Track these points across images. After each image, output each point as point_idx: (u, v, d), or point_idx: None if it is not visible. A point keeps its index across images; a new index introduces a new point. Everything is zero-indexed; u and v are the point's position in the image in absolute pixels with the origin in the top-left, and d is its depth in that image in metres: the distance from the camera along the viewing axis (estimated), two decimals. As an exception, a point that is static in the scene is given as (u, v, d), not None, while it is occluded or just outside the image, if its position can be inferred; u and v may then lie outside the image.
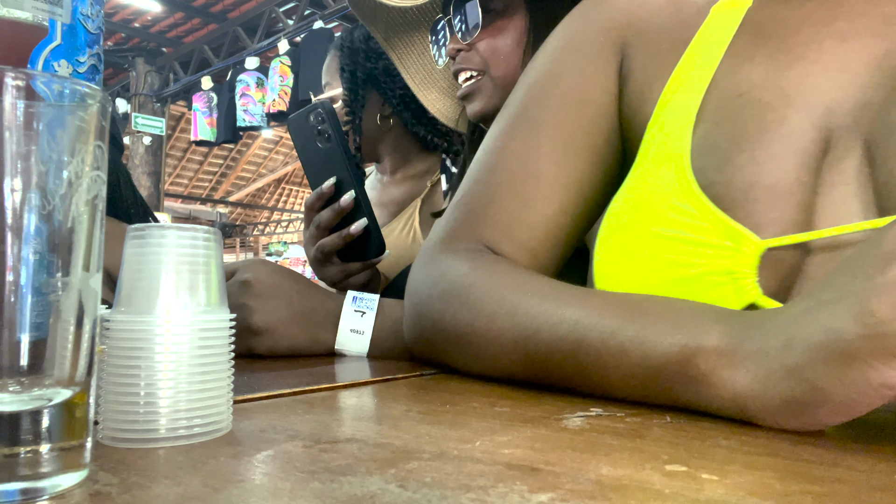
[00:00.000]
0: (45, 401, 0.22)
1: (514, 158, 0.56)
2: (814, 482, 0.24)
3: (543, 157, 0.56)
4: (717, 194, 0.44)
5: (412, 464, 0.25)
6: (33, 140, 0.21)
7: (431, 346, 0.53)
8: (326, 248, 0.87)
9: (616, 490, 0.22)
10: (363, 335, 0.65)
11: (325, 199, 0.87)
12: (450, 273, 0.51)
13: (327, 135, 0.87)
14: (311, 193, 0.89)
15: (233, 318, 0.31)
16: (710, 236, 0.43)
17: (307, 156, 0.90)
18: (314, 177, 0.89)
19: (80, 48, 0.33)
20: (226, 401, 0.30)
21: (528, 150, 0.56)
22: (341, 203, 0.85)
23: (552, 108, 0.57)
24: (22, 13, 0.30)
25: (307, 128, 0.88)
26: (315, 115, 0.87)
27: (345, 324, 0.66)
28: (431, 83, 1.06)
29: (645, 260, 0.46)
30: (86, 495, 0.21)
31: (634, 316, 0.39)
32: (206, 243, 0.30)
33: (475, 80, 0.87)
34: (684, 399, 0.36)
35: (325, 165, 0.88)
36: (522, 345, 0.43)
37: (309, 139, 0.88)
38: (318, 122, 0.87)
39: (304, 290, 0.68)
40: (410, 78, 1.06)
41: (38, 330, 0.21)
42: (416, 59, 1.06)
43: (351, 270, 0.90)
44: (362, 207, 0.86)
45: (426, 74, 1.06)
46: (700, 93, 0.50)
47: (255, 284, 0.65)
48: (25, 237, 0.21)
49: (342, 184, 0.87)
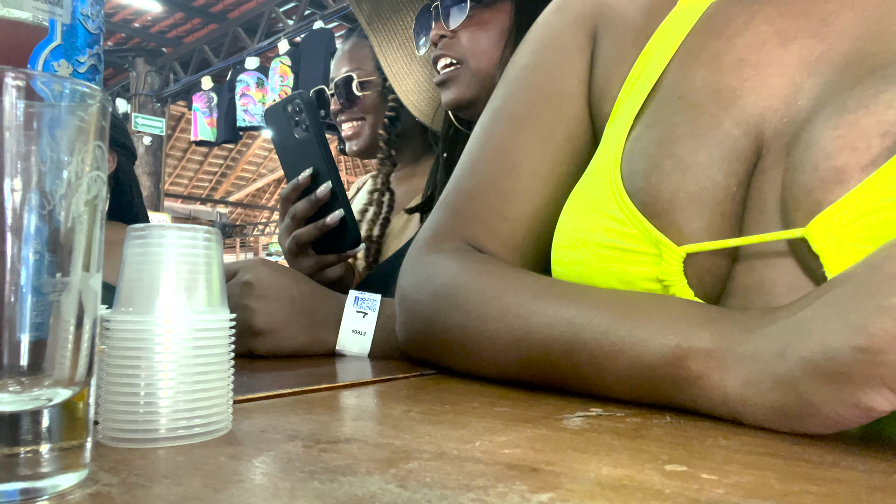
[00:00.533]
0: (45, 401, 0.22)
1: (494, 154, 0.56)
2: (814, 482, 0.24)
3: (522, 150, 0.55)
4: (643, 201, 0.44)
5: (412, 464, 0.25)
6: (33, 140, 0.21)
7: (424, 348, 0.53)
8: (302, 238, 0.86)
9: (616, 490, 0.22)
10: (365, 336, 0.65)
11: (302, 191, 0.87)
12: (438, 276, 0.51)
13: (305, 125, 0.86)
14: (287, 185, 0.89)
15: (233, 319, 0.31)
16: (637, 243, 0.43)
17: (284, 147, 0.89)
18: (290, 168, 0.89)
19: (80, 48, 0.33)
20: (226, 401, 0.30)
21: (507, 145, 0.56)
22: (317, 194, 0.85)
23: (530, 101, 0.57)
24: (22, 13, 0.30)
25: (284, 118, 0.87)
26: (293, 105, 0.86)
27: (346, 324, 0.66)
28: (408, 74, 1.06)
29: (588, 268, 0.46)
30: (86, 495, 0.21)
31: (626, 314, 0.39)
32: (206, 243, 0.30)
33: (453, 69, 0.88)
34: (677, 400, 0.36)
35: (302, 156, 0.87)
36: (515, 346, 0.43)
37: (286, 130, 0.88)
38: (295, 113, 0.87)
39: (306, 290, 0.68)
40: (388, 66, 1.05)
41: (38, 330, 0.21)
42: (397, 49, 1.05)
43: (326, 262, 0.89)
44: (339, 198, 0.86)
45: (404, 65, 1.05)
46: (644, 93, 0.49)
47: (257, 285, 0.65)
48: (25, 237, 0.21)
49: (318, 175, 0.86)
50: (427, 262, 0.54)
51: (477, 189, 0.56)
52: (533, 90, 0.57)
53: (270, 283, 0.65)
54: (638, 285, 0.43)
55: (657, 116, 0.47)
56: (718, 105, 0.44)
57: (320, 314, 0.67)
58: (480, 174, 0.56)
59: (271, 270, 0.67)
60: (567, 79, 0.56)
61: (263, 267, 0.67)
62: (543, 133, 0.56)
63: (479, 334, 0.46)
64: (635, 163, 0.46)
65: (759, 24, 0.47)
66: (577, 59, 0.57)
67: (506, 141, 0.56)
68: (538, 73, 0.57)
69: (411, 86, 1.06)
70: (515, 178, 0.55)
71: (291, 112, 0.87)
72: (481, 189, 0.56)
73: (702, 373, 0.34)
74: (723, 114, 0.44)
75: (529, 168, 0.55)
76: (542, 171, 0.55)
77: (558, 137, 0.56)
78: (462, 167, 0.58)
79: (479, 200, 0.56)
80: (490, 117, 0.59)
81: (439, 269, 0.52)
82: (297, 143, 0.88)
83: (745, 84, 0.44)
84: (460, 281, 0.49)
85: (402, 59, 1.06)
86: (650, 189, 0.44)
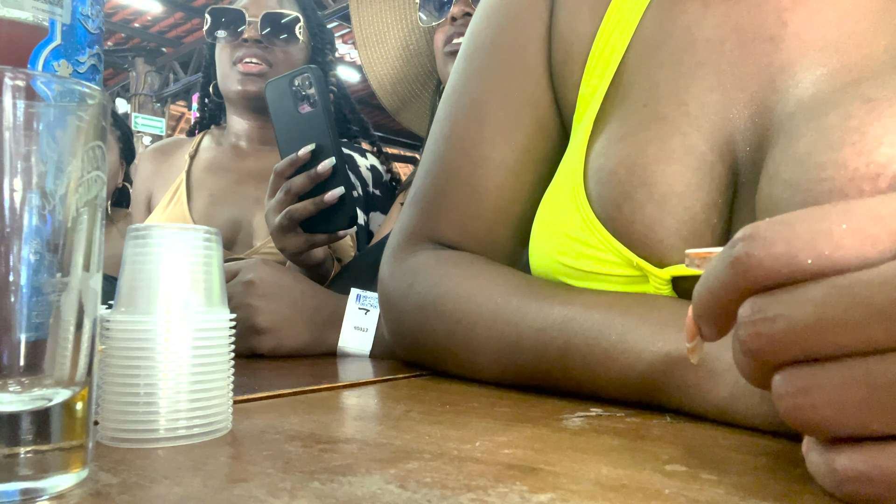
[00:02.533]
0: (45, 401, 0.22)
1: (459, 146, 0.53)
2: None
3: (488, 141, 0.52)
4: (618, 230, 0.42)
5: (412, 464, 0.25)
6: (33, 140, 0.21)
7: (415, 355, 0.52)
8: (296, 214, 0.84)
9: (616, 490, 0.22)
10: (367, 332, 0.66)
11: (298, 166, 0.85)
12: (419, 284, 0.49)
13: (313, 100, 0.85)
14: (282, 160, 0.86)
15: (233, 318, 0.31)
16: (617, 268, 0.42)
17: (283, 122, 0.87)
18: (289, 143, 0.86)
19: (80, 48, 0.33)
20: (226, 401, 0.30)
21: (473, 136, 0.53)
22: (319, 169, 0.83)
23: (493, 81, 0.53)
24: (22, 13, 0.30)
25: (289, 93, 0.86)
26: (302, 79, 0.85)
27: (349, 321, 0.66)
28: (379, 42, 1.01)
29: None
30: (86, 495, 0.21)
31: (617, 317, 0.38)
32: (206, 243, 0.30)
33: None
34: (673, 405, 0.36)
35: (304, 132, 0.85)
36: (508, 352, 0.43)
37: (288, 104, 0.86)
38: (304, 87, 0.85)
39: (308, 289, 0.68)
40: (359, 27, 1.00)
41: (37, 330, 0.21)
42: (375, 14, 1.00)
43: (315, 242, 0.87)
44: (339, 175, 0.84)
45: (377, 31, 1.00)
46: (604, 87, 0.46)
47: (259, 284, 0.65)
48: (25, 237, 0.21)
49: (320, 151, 0.84)
50: (406, 269, 0.52)
51: (446, 186, 0.53)
52: (495, 67, 0.53)
53: (272, 282, 0.65)
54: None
55: (623, 127, 0.44)
56: (688, 121, 0.42)
57: (322, 314, 0.67)
58: (448, 169, 0.54)
59: (273, 270, 0.67)
60: (530, 55, 0.52)
61: (265, 266, 0.67)
62: (510, 119, 0.52)
63: (469, 343, 0.45)
64: (604, 187, 0.43)
65: (716, 15, 0.43)
66: (539, 32, 0.52)
67: (471, 131, 0.53)
68: (500, 47, 0.53)
69: (379, 55, 1.01)
70: (483, 173, 0.52)
71: (299, 85, 0.85)
72: (450, 186, 0.53)
73: (694, 381, 0.34)
74: (695, 133, 0.41)
75: (497, 160, 0.52)
76: (511, 161, 0.52)
77: (524, 121, 0.52)
78: (428, 160, 0.55)
79: (450, 199, 0.53)
80: (453, 100, 0.55)
81: (420, 278, 0.50)
82: (300, 118, 0.86)
83: (710, 97, 0.42)
84: (444, 289, 0.47)
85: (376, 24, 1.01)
86: (623, 219, 0.42)
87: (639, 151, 0.42)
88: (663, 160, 0.41)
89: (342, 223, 0.86)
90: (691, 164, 0.41)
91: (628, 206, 0.42)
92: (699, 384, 0.34)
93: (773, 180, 0.37)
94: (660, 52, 0.45)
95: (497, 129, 0.52)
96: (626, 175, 0.42)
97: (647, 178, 0.41)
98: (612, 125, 0.45)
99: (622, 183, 0.42)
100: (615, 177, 0.43)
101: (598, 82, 0.48)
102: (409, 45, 0.99)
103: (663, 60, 0.45)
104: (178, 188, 1.23)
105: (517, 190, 0.53)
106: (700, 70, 0.43)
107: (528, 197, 0.53)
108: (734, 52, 0.42)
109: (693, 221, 0.40)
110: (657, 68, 0.45)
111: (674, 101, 0.43)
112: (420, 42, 1.02)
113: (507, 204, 0.53)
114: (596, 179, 0.44)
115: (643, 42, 0.46)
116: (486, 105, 0.53)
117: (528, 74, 0.52)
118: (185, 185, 1.22)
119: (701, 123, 0.42)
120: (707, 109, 0.42)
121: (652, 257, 0.41)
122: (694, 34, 0.44)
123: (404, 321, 0.51)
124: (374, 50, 1.02)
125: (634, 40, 0.47)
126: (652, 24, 0.46)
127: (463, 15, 0.86)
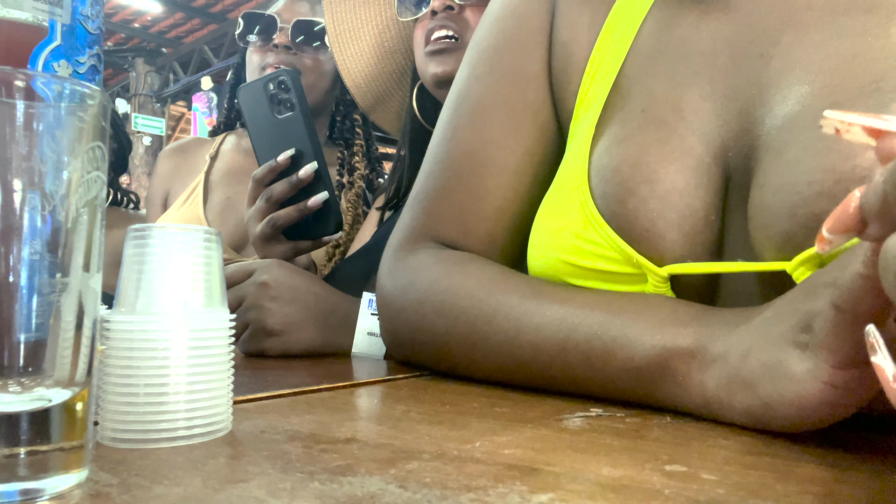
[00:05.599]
0: (45, 401, 0.22)
1: (462, 148, 0.54)
2: (814, 482, 0.24)
3: (490, 143, 0.54)
4: (621, 226, 0.43)
5: (412, 464, 0.25)
6: (33, 140, 0.21)
7: (411, 354, 0.52)
8: (279, 221, 0.82)
9: (616, 490, 0.22)
10: (380, 337, 0.65)
11: (278, 173, 0.83)
12: (419, 281, 0.50)
13: (289, 104, 0.83)
14: (260, 167, 0.84)
15: (233, 318, 0.31)
16: (619, 266, 0.43)
17: (260, 127, 0.85)
18: (265, 149, 0.84)
19: (80, 48, 0.33)
20: (226, 401, 0.30)
21: (475, 138, 0.54)
22: (300, 175, 0.81)
23: (495, 87, 0.54)
24: (22, 13, 0.30)
25: (263, 97, 0.84)
26: (277, 83, 0.83)
27: (362, 326, 0.65)
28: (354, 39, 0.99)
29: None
30: (86, 495, 0.21)
31: (616, 315, 0.38)
32: (206, 244, 0.30)
33: (451, 42, 0.85)
34: (667, 401, 0.36)
35: (281, 137, 0.83)
36: (506, 348, 0.43)
37: (263, 109, 0.84)
38: (280, 91, 0.83)
39: (321, 292, 0.68)
40: (332, 23, 0.98)
41: (37, 330, 0.21)
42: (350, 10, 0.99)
43: (301, 249, 0.86)
44: (322, 180, 0.83)
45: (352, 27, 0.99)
46: (603, 95, 0.48)
47: (274, 286, 0.64)
48: (25, 237, 0.21)
49: (299, 156, 0.83)
50: (406, 266, 0.52)
51: (447, 186, 0.54)
52: (497, 74, 0.55)
53: (287, 284, 0.65)
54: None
55: (624, 130, 0.45)
56: (684, 125, 0.43)
57: (336, 317, 0.67)
58: (449, 170, 0.55)
59: (288, 272, 0.67)
60: (532, 62, 0.54)
61: (280, 268, 0.67)
62: (511, 123, 0.54)
63: (468, 339, 0.45)
64: (608, 184, 0.44)
65: (710, 27, 0.45)
66: (540, 40, 0.54)
67: (473, 134, 0.54)
68: (502, 54, 0.55)
69: (353, 52, 1.00)
70: (485, 173, 0.53)
71: (275, 90, 0.83)
72: (451, 186, 0.54)
73: (686, 373, 0.35)
74: (691, 136, 0.43)
75: (499, 162, 0.53)
76: (512, 163, 0.53)
77: (526, 125, 0.54)
78: (430, 161, 0.56)
79: (451, 199, 0.54)
80: (456, 105, 0.56)
81: (420, 275, 0.50)
82: (277, 123, 0.84)
83: (705, 105, 0.43)
84: (444, 285, 0.48)
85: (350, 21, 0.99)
86: (627, 215, 0.42)
87: (641, 151, 0.43)
88: (664, 159, 0.42)
89: (328, 228, 0.85)
90: (690, 164, 0.42)
91: (632, 202, 0.42)
92: (692, 374, 0.34)
93: (763, 189, 0.39)
94: (656, 63, 0.46)
95: (498, 133, 0.54)
96: (630, 172, 0.43)
97: (650, 175, 0.42)
98: (612, 128, 0.46)
99: (626, 180, 0.43)
100: (619, 174, 0.44)
101: (598, 89, 0.49)
102: (383, 42, 0.98)
103: (660, 70, 0.46)
104: (195, 188, 1.24)
105: (517, 191, 0.54)
106: (695, 79, 0.44)
107: (528, 198, 0.54)
108: (727, 65, 0.43)
109: (694, 217, 0.41)
110: (654, 77, 0.46)
111: (670, 107, 0.44)
112: (395, 40, 1.01)
113: (508, 205, 0.54)
114: (599, 177, 0.45)
115: (640, 52, 0.48)
116: (488, 109, 0.54)
117: (529, 81, 0.54)
118: (202, 186, 1.23)
119: (696, 128, 0.43)
120: (701, 116, 0.43)
121: (653, 252, 0.41)
122: (689, 46, 0.45)
123: (402, 318, 0.51)
124: (347, 47, 1.01)
125: (632, 50, 0.48)
126: (649, 35, 0.48)
127: (444, 8, 0.85)
